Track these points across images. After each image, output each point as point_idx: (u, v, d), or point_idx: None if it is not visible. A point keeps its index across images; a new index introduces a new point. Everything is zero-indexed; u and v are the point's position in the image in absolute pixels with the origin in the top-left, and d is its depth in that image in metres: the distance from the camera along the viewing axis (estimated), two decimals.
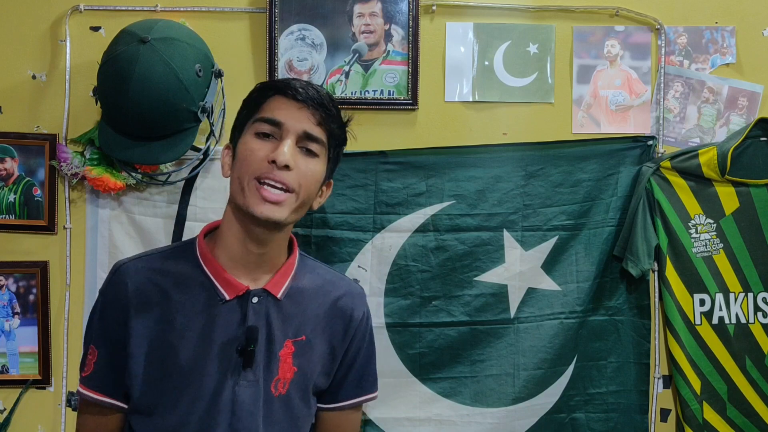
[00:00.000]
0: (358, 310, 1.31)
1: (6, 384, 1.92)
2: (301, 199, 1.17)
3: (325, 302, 1.28)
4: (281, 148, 1.14)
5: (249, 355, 1.18)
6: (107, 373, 1.22)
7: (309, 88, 1.19)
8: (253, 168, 1.14)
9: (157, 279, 1.21)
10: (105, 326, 1.22)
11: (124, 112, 1.68)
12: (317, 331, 1.26)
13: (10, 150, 1.89)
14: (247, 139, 1.18)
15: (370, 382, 1.36)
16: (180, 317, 1.19)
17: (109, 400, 1.23)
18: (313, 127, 1.18)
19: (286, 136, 1.15)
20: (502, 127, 1.99)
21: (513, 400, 1.95)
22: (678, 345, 1.95)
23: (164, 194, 1.91)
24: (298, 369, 1.23)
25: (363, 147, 1.93)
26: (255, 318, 1.20)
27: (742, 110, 2.01)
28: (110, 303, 1.22)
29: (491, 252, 1.94)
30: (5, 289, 1.91)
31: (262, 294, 1.21)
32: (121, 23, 1.78)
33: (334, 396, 1.33)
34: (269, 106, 1.18)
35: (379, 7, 1.92)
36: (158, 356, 1.19)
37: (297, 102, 1.17)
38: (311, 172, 1.18)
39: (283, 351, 1.22)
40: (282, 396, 1.22)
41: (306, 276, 1.28)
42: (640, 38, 2.00)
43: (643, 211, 1.93)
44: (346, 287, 1.32)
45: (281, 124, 1.16)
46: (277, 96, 1.18)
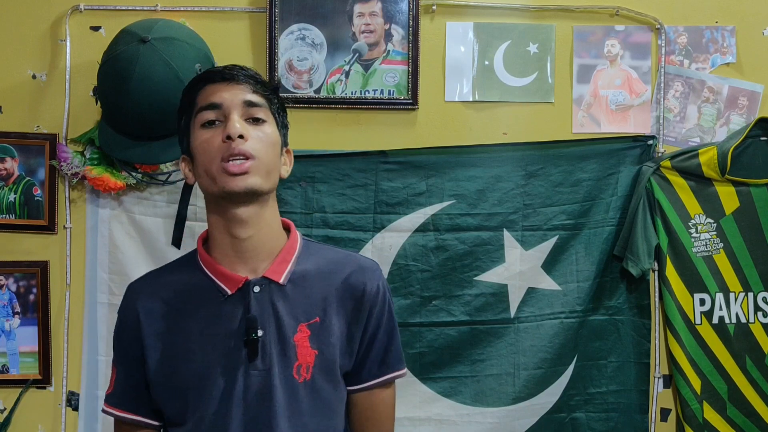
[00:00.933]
0: (371, 283, 1.28)
1: (6, 384, 1.92)
2: (265, 162, 1.19)
3: (334, 282, 1.26)
4: (230, 122, 1.17)
5: (253, 344, 1.18)
6: (127, 390, 1.26)
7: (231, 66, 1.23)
8: (213, 153, 1.17)
9: (163, 292, 1.24)
10: (121, 346, 1.27)
11: (125, 111, 1.68)
12: (330, 311, 1.25)
13: (10, 150, 1.89)
14: (196, 134, 1.21)
15: (395, 358, 1.32)
16: (187, 322, 1.21)
17: (132, 417, 1.26)
18: (251, 95, 1.20)
19: (230, 112, 1.18)
20: (503, 127, 1.99)
21: (513, 399, 1.95)
22: (678, 345, 1.95)
23: (164, 194, 1.91)
24: (319, 352, 1.22)
25: (363, 147, 1.93)
26: (259, 307, 1.20)
27: (742, 110, 2.01)
28: (123, 322, 1.27)
29: (491, 252, 1.94)
30: (5, 288, 1.91)
31: (262, 282, 1.21)
32: (121, 23, 1.79)
33: (358, 376, 1.30)
34: (202, 97, 1.21)
35: (379, 7, 1.92)
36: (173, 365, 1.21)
37: (225, 81, 1.20)
38: (265, 135, 1.20)
39: (297, 336, 1.21)
40: (308, 382, 1.21)
41: (310, 258, 1.28)
42: (641, 38, 2.00)
43: (644, 210, 1.93)
44: (355, 263, 1.30)
45: (220, 104, 1.19)
46: (206, 85, 1.22)
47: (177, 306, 1.23)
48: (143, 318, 1.23)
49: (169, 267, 1.32)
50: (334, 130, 1.95)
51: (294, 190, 1.90)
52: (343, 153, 1.92)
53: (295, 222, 1.86)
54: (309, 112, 1.94)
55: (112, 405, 1.28)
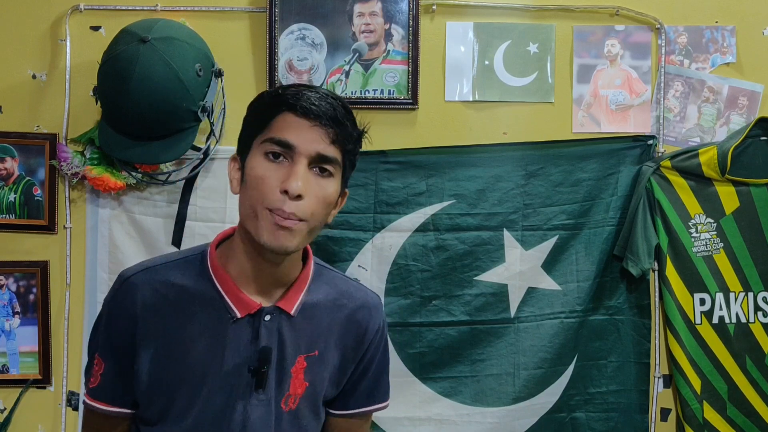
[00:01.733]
0: (373, 323, 1.27)
1: (6, 383, 1.92)
2: (312, 225, 1.11)
3: (339, 315, 1.23)
4: (294, 175, 1.06)
5: (261, 376, 1.14)
6: (115, 385, 1.19)
7: (322, 102, 1.09)
8: (264, 198, 1.07)
9: (166, 291, 1.17)
10: (111, 337, 1.19)
11: (125, 111, 1.68)
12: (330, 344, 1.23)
13: (10, 150, 1.89)
14: (256, 161, 1.10)
15: (381, 392, 1.33)
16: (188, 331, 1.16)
17: (117, 409, 1.21)
18: (327, 147, 1.09)
19: (298, 160, 1.07)
20: (503, 127, 1.99)
21: (513, 399, 1.95)
22: (678, 344, 1.95)
23: (164, 194, 1.91)
24: (309, 384, 1.20)
25: (363, 146, 1.92)
26: (267, 336, 1.16)
27: (743, 110, 2.01)
28: (117, 315, 1.18)
29: (491, 251, 1.94)
30: (5, 288, 1.91)
31: (274, 311, 1.17)
32: (121, 23, 1.79)
33: (344, 403, 1.30)
34: (278, 125, 1.09)
35: (379, 7, 1.92)
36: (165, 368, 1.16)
37: (309, 120, 1.08)
38: (324, 195, 1.11)
39: (295, 367, 1.18)
40: (292, 411, 1.19)
41: (321, 288, 1.23)
42: (641, 38, 2.00)
43: (644, 210, 1.93)
44: (362, 299, 1.27)
45: (292, 146, 1.07)
46: (287, 113, 1.09)
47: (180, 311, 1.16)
48: (141, 314, 1.15)
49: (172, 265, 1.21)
50: None
51: None
52: None
53: None
54: None
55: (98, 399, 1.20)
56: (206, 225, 1.89)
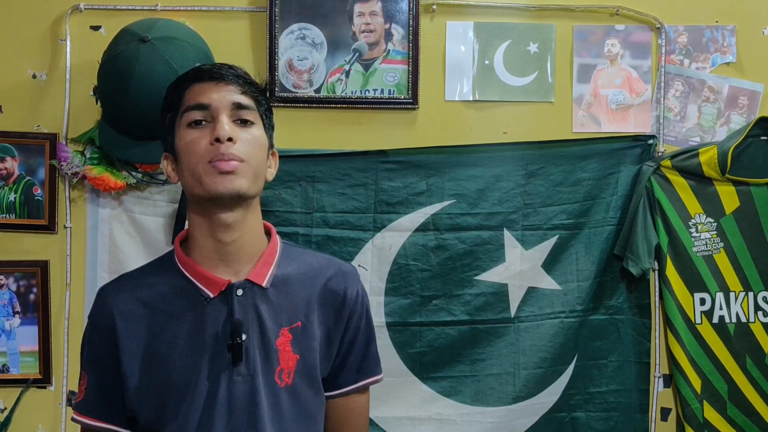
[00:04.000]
0: (351, 288, 1.27)
1: (6, 383, 1.92)
2: (253, 166, 1.17)
3: (315, 286, 1.25)
4: (219, 124, 1.14)
5: (237, 348, 1.15)
6: (99, 398, 1.21)
7: (220, 66, 1.21)
8: (200, 154, 1.14)
9: (141, 294, 1.20)
10: (93, 351, 1.22)
11: (125, 111, 1.68)
12: (311, 316, 1.23)
13: (10, 149, 1.89)
14: (182, 134, 1.18)
15: (371, 364, 1.32)
16: (168, 326, 1.18)
17: (104, 425, 1.21)
18: (240, 96, 1.18)
19: (219, 114, 1.16)
20: (503, 127, 1.99)
21: (513, 399, 1.95)
22: (678, 344, 1.95)
23: (164, 193, 1.91)
24: (300, 356, 1.21)
25: (363, 146, 1.93)
26: (242, 311, 1.18)
27: (743, 109, 2.01)
28: (96, 327, 1.22)
29: (491, 251, 1.94)
30: (6, 288, 1.91)
31: (246, 285, 1.19)
32: (122, 22, 1.79)
33: (335, 381, 1.29)
34: (190, 96, 1.18)
35: (379, 6, 1.92)
36: (153, 369, 1.18)
37: (214, 81, 1.18)
38: (254, 137, 1.18)
39: (279, 340, 1.20)
40: (288, 387, 1.20)
41: (291, 263, 1.26)
42: (641, 37, 2.00)
43: (644, 210, 1.93)
44: (335, 267, 1.29)
45: (208, 105, 1.16)
46: (193, 84, 1.19)
47: (156, 309, 1.19)
48: (119, 321, 1.18)
49: (142, 269, 1.28)
50: (335, 129, 1.95)
51: (294, 190, 1.90)
52: (344, 152, 1.92)
53: (295, 221, 1.89)
54: (309, 112, 1.94)
55: (84, 414, 1.22)
56: None
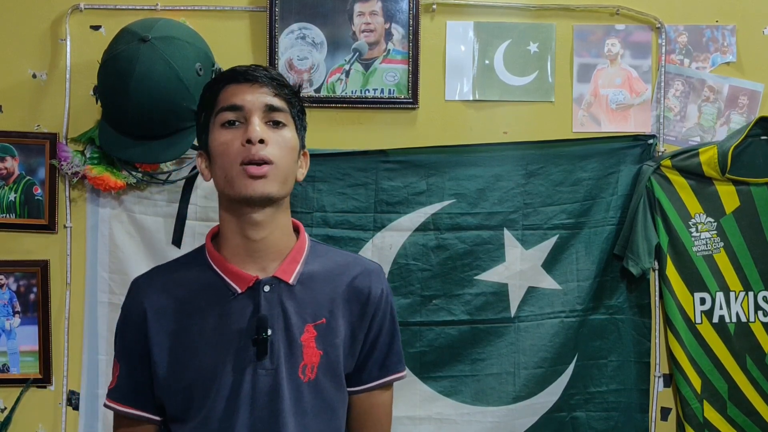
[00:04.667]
0: (375, 287, 1.30)
1: (6, 383, 1.92)
2: (282, 169, 1.20)
3: (340, 284, 1.27)
4: (251, 126, 1.17)
5: (262, 343, 1.18)
6: (130, 385, 1.26)
7: (254, 68, 1.23)
8: (232, 156, 1.17)
9: (171, 287, 1.24)
10: (125, 341, 1.27)
11: (125, 111, 1.68)
12: (336, 313, 1.26)
13: (10, 149, 1.89)
14: (215, 134, 1.20)
15: (395, 361, 1.34)
16: (196, 319, 1.21)
17: (134, 411, 1.26)
18: (272, 98, 1.21)
19: (251, 115, 1.18)
20: (503, 126, 1.99)
21: (513, 398, 1.95)
22: (678, 344, 1.95)
23: (165, 193, 1.91)
24: (324, 353, 1.23)
25: (363, 146, 1.93)
26: (268, 306, 1.20)
27: (743, 109, 2.01)
28: (128, 318, 1.26)
29: (492, 251, 1.94)
30: (6, 288, 1.91)
31: (273, 282, 1.22)
32: (122, 22, 1.79)
33: (359, 377, 1.31)
34: (224, 97, 1.21)
35: (379, 6, 1.92)
36: (180, 361, 1.21)
37: (249, 83, 1.20)
38: (285, 140, 1.21)
39: (304, 336, 1.22)
40: (311, 382, 1.22)
41: (317, 260, 1.29)
42: (641, 37, 2.00)
43: (644, 209, 1.93)
44: (361, 266, 1.32)
45: (242, 106, 1.19)
46: (228, 85, 1.21)
47: (185, 303, 1.22)
48: (150, 314, 1.22)
49: (175, 263, 1.32)
50: (335, 129, 1.95)
51: (294, 189, 1.89)
52: (344, 152, 1.92)
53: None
54: (309, 112, 1.89)
55: (115, 400, 1.27)
56: (206, 224, 1.89)
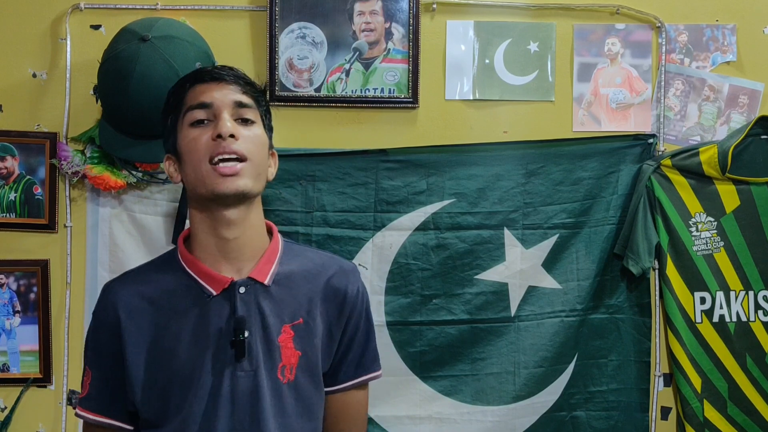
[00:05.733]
0: (351, 285, 1.30)
1: (7, 382, 1.92)
2: (255, 165, 1.19)
3: (317, 284, 1.27)
4: (221, 121, 1.17)
5: (240, 345, 1.18)
6: (102, 394, 1.24)
7: (220, 68, 1.25)
8: (202, 152, 1.17)
9: (145, 291, 1.23)
10: (98, 347, 1.25)
11: (125, 110, 1.68)
12: (314, 313, 1.26)
13: (10, 148, 1.89)
14: (184, 134, 1.21)
15: (370, 359, 1.34)
16: (172, 323, 1.20)
17: (106, 420, 1.24)
18: (241, 95, 1.21)
19: (220, 112, 1.18)
20: (503, 126, 1.99)
21: (513, 398, 1.95)
22: (678, 343, 1.95)
23: (165, 192, 1.91)
24: (302, 353, 1.23)
25: (363, 145, 1.93)
26: (245, 308, 1.20)
27: (743, 108, 2.01)
28: (101, 324, 1.25)
29: (492, 250, 1.94)
30: (6, 287, 1.91)
31: (248, 283, 1.21)
32: (122, 22, 1.79)
33: (335, 377, 1.32)
34: (192, 96, 1.21)
35: (379, 6, 1.92)
36: (158, 364, 1.20)
37: (216, 81, 1.21)
38: (255, 136, 1.21)
39: (282, 337, 1.22)
40: (291, 383, 1.22)
41: (294, 260, 1.28)
42: (641, 36, 2.00)
43: (644, 209, 1.93)
44: (337, 265, 1.32)
45: (210, 104, 1.19)
46: (195, 85, 1.22)
47: (160, 305, 1.21)
48: (124, 317, 1.21)
49: (146, 267, 1.31)
50: (335, 128, 1.95)
51: (294, 189, 1.90)
52: (344, 151, 1.92)
53: (295, 221, 1.89)
54: (309, 111, 1.94)
55: (87, 409, 1.26)
56: None
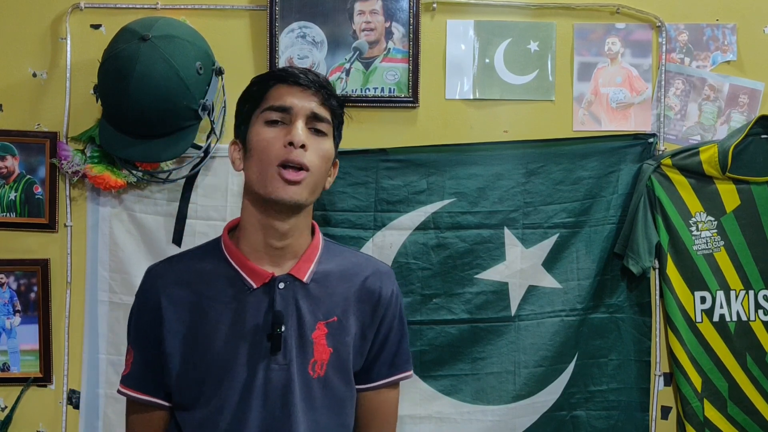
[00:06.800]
0: (386, 288, 1.33)
1: (7, 382, 1.92)
2: (316, 177, 1.22)
3: (353, 284, 1.31)
4: (295, 129, 1.20)
5: (276, 338, 1.21)
6: (143, 372, 1.28)
7: (307, 72, 1.26)
8: (273, 155, 1.19)
9: (187, 277, 1.26)
10: (139, 328, 1.29)
11: (125, 110, 1.68)
12: (348, 312, 1.29)
13: (10, 148, 1.90)
14: (258, 129, 1.23)
15: (403, 360, 1.38)
16: (211, 311, 1.24)
17: (147, 398, 1.28)
18: (319, 107, 1.24)
19: (296, 119, 1.21)
20: (503, 125, 1.98)
21: (514, 397, 1.95)
22: (679, 342, 1.95)
23: (165, 192, 1.91)
24: (334, 350, 1.26)
25: (364, 145, 1.93)
26: (282, 303, 1.23)
27: (743, 108, 2.01)
28: (143, 306, 1.28)
29: (492, 250, 1.94)
30: (6, 287, 1.91)
31: (288, 279, 1.24)
32: (122, 21, 1.79)
33: (367, 376, 1.34)
34: (274, 95, 1.23)
35: (379, 5, 1.92)
36: (194, 351, 1.23)
37: (300, 86, 1.23)
38: (323, 150, 1.24)
39: (315, 333, 1.25)
40: (321, 378, 1.25)
41: (332, 259, 1.31)
42: (641, 36, 2.00)
43: (644, 208, 1.93)
44: (373, 267, 1.35)
45: (290, 108, 1.21)
46: (279, 84, 1.24)
47: (201, 294, 1.24)
48: (165, 302, 1.24)
49: (190, 253, 1.33)
50: None
51: None
52: (344, 151, 1.92)
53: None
54: None
55: (128, 386, 1.29)
56: (207, 223, 1.89)
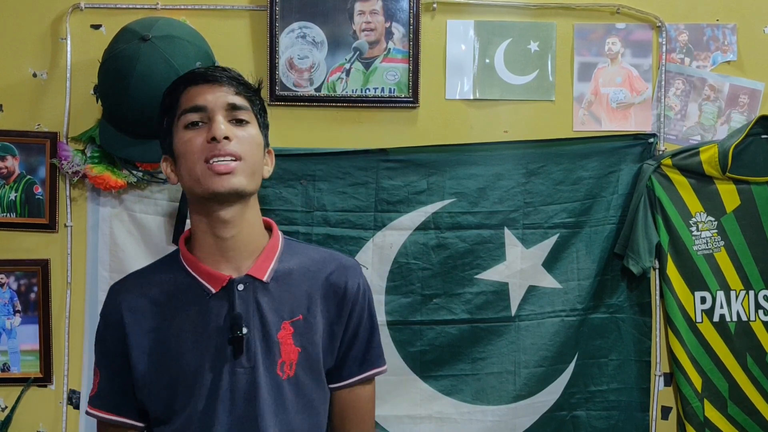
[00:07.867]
0: (351, 281, 1.30)
1: (7, 382, 1.92)
2: (249, 164, 1.21)
3: (317, 280, 1.28)
4: (215, 124, 1.18)
5: (238, 341, 1.19)
6: (111, 392, 1.27)
7: (213, 68, 1.26)
8: (197, 154, 1.18)
9: (148, 291, 1.25)
10: (105, 347, 1.29)
11: (125, 110, 1.68)
12: (314, 309, 1.26)
13: (10, 148, 1.90)
14: (180, 135, 1.22)
15: (375, 355, 1.35)
16: (175, 321, 1.22)
17: (117, 418, 1.27)
18: (234, 97, 1.22)
19: (214, 114, 1.20)
20: (503, 125, 1.98)
21: (514, 397, 1.95)
22: (679, 342, 1.95)
23: (165, 192, 1.91)
24: (302, 349, 1.24)
25: (364, 145, 1.93)
26: (243, 305, 1.21)
27: (743, 108, 2.01)
28: (106, 324, 1.28)
29: (492, 250, 1.94)
30: (6, 287, 1.91)
31: (247, 280, 1.22)
32: (122, 21, 1.79)
33: (339, 373, 1.32)
34: (186, 98, 1.23)
35: (379, 5, 1.92)
36: (161, 364, 1.22)
37: (209, 83, 1.22)
38: (249, 136, 1.22)
39: (281, 333, 1.23)
40: (291, 378, 1.23)
41: (294, 257, 1.29)
42: (641, 36, 2.00)
43: (644, 208, 1.93)
44: (336, 262, 1.32)
45: (204, 106, 1.20)
46: (189, 87, 1.24)
47: (162, 304, 1.23)
48: (127, 317, 1.23)
49: (150, 267, 1.33)
50: (335, 128, 1.95)
51: (295, 189, 1.90)
52: (344, 151, 1.92)
53: (295, 220, 1.90)
54: (310, 111, 1.94)
55: (96, 407, 1.29)
56: None
